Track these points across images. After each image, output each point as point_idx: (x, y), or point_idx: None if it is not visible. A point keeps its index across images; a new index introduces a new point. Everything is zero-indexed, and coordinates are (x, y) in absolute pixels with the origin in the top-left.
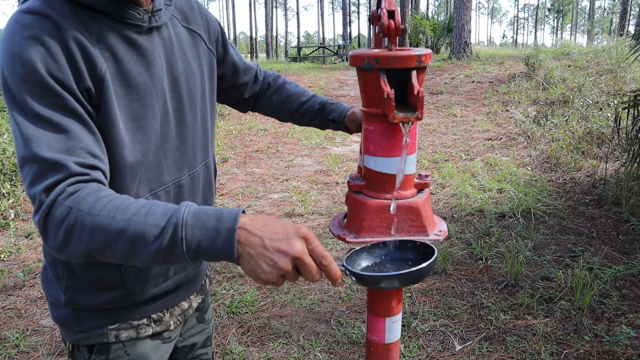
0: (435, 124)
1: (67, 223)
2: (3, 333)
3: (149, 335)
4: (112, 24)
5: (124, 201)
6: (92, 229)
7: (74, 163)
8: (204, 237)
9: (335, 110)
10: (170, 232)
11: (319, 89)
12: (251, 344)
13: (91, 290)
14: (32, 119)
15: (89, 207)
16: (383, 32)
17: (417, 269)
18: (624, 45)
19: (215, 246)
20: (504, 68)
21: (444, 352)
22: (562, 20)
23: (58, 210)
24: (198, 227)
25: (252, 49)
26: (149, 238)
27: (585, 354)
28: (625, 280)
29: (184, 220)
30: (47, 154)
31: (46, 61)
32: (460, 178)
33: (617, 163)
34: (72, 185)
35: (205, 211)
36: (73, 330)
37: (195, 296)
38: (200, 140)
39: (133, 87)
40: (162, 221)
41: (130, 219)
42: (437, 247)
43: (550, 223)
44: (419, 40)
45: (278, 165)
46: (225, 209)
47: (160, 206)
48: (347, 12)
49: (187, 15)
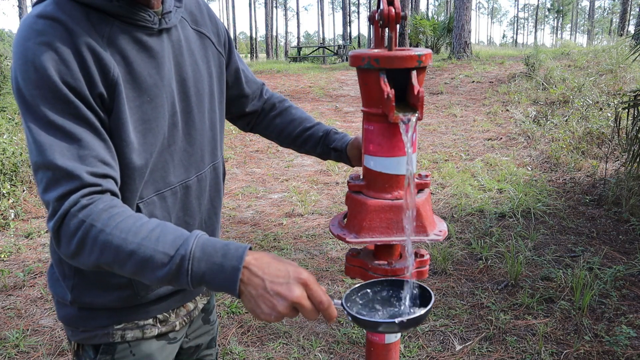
0: (435, 124)
1: (79, 236)
2: (3, 333)
3: (154, 336)
4: (123, 27)
5: (136, 222)
6: (103, 245)
7: (86, 173)
8: (209, 272)
9: (338, 139)
10: (177, 263)
11: (319, 89)
12: (251, 344)
13: (97, 290)
14: (45, 125)
15: (103, 224)
16: (383, 19)
17: (414, 317)
18: (624, 45)
19: (219, 281)
20: (504, 68)
21: (444, 352)
22: (562, 20)
23: (72, 221)
24: (204, 261)
25: (252, 49)
26: (157, 264)
27: (585, 354)
28: (625, 280)
29: (192, 253)
30: (60, 162)
31: (59, 68)
32: (460, 178)
33: (617, 163)
34: (85, 197)
35: (214, 245)
36: (78, 330)
37: (201, 297)
38: (208, 142)
39: (144, 89)
40: (172, 250)
41: (140, 243)
42: (438, 245)
43: (550, 223)
44: (419, 40)
45: (278, 165)
46: (233, 244)
47: (171, 232)
48: (347, 12)
49: (196, 17)
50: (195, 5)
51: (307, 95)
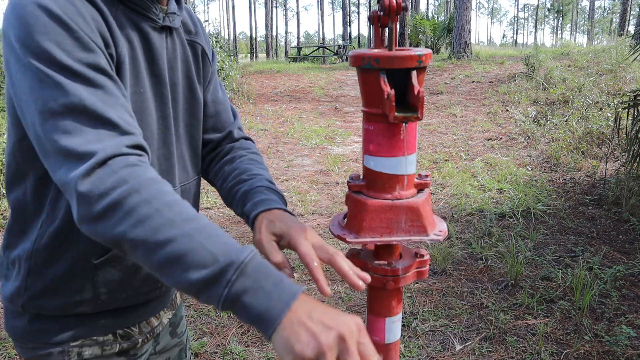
0: (435, 124)
1: (114, 197)
2: (3, 333)
3: (115, 353)
4: (128, 13)
5: (189, 209)
6: (142, 218)
7: (119, 118)
8: (252, 292)
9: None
10: (222, 268)
11: (319, 89)
12: (251, 344)
13: (54, 291)
14: (60, 71)
15: (150, 194)
16: (384, 10)
17: None
18: (624, 45)
19: (257, 307)
20: (504, 68)
21: (444, 352)
22: (562, 20)
23: (110, 176)
24: (253, 279)
25: (252, 49)
26: (197, 262)
27: (585, 354)
28: (625, 280)
29: (243, 265)
30: (89, 104)
31: (75, 18)
32: (460, 178)
33: (617, 163)
34: (132, 153)
35: (270, 269)
36: (28, 346)
37: (166, 312)
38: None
39: (140, 79)
40: (221, 253)
41: (189, 232)
42: (438, 245)
43: (550, 223)
44: (419, 40)
45: (278, 165)
46: (287, 278)
47: (225, 236)
48: (347, 12)
49: (190, 28)
50: (189, 17)
51: (307, 95)
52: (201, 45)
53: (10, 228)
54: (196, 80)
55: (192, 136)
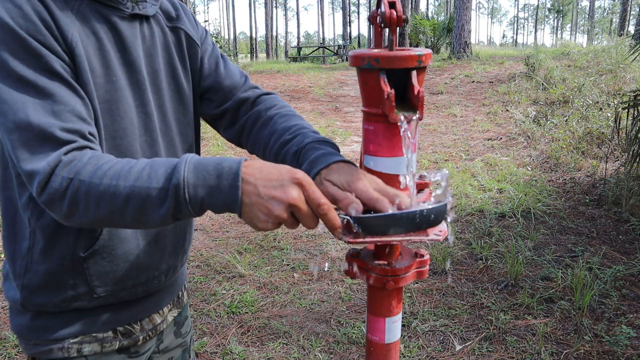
0: (435, 124)
1: (70, 195)
2: (3, 333)
3: (114, 350)
4: (93, 5)
5: (124, 166)
6: (97, 198)
7: (61, 129)
8: (207, 196)
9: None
10: (173, 194)
11: (319, 89)
12: (251, 344)
13: (50, 288)
14: (14, 82)
15: (90, 176)
16: (385, 22)
17: (437, 206)
18: (624, 45)
19: (219, 204)
20: (504, 68)
21: (444, 352)
22: (562, 20)
23: (57, 182)
24: (200, 186)
25: (252, 49)
26: (155, 202)
27: (585, 354)
28: (625, 280)
29: (185, 181)
30: (34, 120)
31: (25, 24)
32: (460, 178)
33: (617, 163)
34: (66, 155)
35: (206, 166)
36: (31, 343)
37: (170, 309)
38: (184, 139)
39: (112, 68)
40: (165, 183)
41: (133, 185)
42: (438, 245)
43: (550, 223)
44: (419, 40)
45: None
46: (226, 160)
47: (161, 165)
48: (347, 12)
49: (171, 14)
50: (170, 4)
51: (307, 95)
52: (184, 29)
53: (6, 229)
54: (179, 66)
55: (180, 122)
